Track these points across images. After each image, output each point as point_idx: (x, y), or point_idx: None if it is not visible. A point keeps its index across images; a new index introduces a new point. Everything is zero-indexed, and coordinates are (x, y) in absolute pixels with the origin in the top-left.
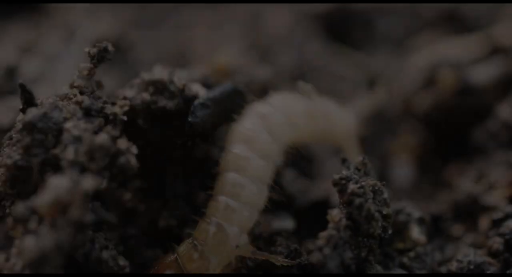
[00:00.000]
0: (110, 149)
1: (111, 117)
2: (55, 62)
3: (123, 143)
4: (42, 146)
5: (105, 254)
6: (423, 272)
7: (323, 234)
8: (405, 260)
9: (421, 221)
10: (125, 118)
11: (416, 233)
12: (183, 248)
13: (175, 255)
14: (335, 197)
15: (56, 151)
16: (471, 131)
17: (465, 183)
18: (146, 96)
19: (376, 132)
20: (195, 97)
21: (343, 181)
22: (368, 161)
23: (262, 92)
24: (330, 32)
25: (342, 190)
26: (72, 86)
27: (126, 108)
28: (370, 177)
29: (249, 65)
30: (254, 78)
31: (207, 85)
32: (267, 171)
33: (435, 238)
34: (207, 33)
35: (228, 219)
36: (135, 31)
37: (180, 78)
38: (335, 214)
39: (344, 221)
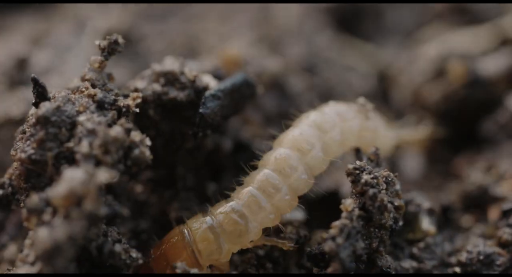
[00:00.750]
0: (124, 142)
1: (124, 109)
2: (65, 54)
3: (136, 136)
4: (56, 139)
5: (118, 247)
6: (433, 262)
7: (336, 224)
8: (415, 250)
9: (431, 212)
10: (137, 110)
11: (426, 224)
12: (196, 225)
13: (183, 229)
14: (345, 188)
15: (70, 144)
16: (480, 122)
17: (474, 174)
18: (157, 87)
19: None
20: (206, 88)
21: (357, 171)
22: (380, 152)
23: (272, 83)
24: (339, 24)
25: (355, 180)
26: (83, 79)
27: (138, 101)
28: (383, 168)
29: (259, 56)
30: (265, 69)
31: (217, 76)
32: (305, 185)
33: (444, 228)
34: (217, 25)
35: (254, 213)
36: (145, 22)
37: (191, 69)
38: (349, 203)
39: (357, 211)
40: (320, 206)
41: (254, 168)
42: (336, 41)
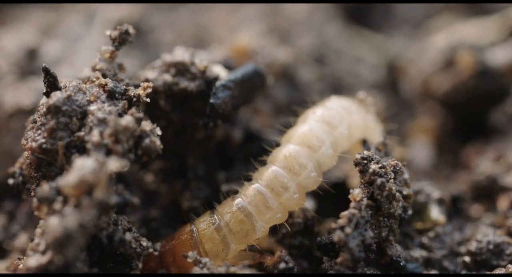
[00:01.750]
0: (135, 131)
1: (134, 99)
2: (76, 44)
3: (147, 125)
4: (67, 129)
5: (128, 236)
6: (442, 252)
7: (345, 213)
8: (424, 240)
9: (440, 202)
10: (148, 100)
11: (436, 213)
12: (203, 225)
13: (192, 228)
14: (354, 179)
15: (81, 133)
16: (489, 112)
17: (483, 164)
18: (167, 77)
19: (395, 113)
20: (216, 78)
21: (365, 161)
22: (388, 142)
23: (282, 73)
24: (348, 14)
25: (363, 170)
26: (94, 69)
27: (149, 90)
28: (391, 157)
29: (269, 47)
30: (274, 59)
31: (228, 66)
32: (314, 183)
33: (454, 218)
34: (226, 16)
35: (261, 213)
36: (155, 13)
37: (201, 59)
38: (357, 193)
39: (365, 201)
40: (329, 195)
41: (263, 163)
42: (346, 32)
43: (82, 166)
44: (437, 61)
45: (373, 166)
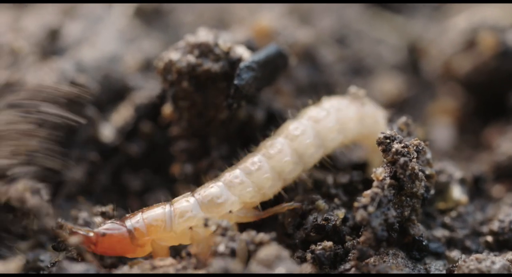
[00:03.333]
0: None
1: None
2: (96, 25)
3: None
4: None
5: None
6: (464, 231)
7: (367, 192)
8: (447, 220)
9: (462, 182)
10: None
11: (458, 193)
12: (178, 198)
13: (169, 203)
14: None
15: None
16: (510, 93)
17: (505, 145)
18: (191, 58)
19: (416, 95)
20: (240, 59)
21: (388, 140)
22: (411, 122)
23: (304, 54)
24: None
25: (386, 150)
26: None
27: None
28: (414, 137)
29: (291, 27)
30: (296, 40)
31: (250, 47)
32: (290, 169)
33: (476, 198)
34: None
35: (232, 187)
36: None
37: (225, 40)
38: (380, 172)
39: (388, 180)
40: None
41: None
42: (366, 13)
43: None
44: (458, 42)
45: (396, 145)
